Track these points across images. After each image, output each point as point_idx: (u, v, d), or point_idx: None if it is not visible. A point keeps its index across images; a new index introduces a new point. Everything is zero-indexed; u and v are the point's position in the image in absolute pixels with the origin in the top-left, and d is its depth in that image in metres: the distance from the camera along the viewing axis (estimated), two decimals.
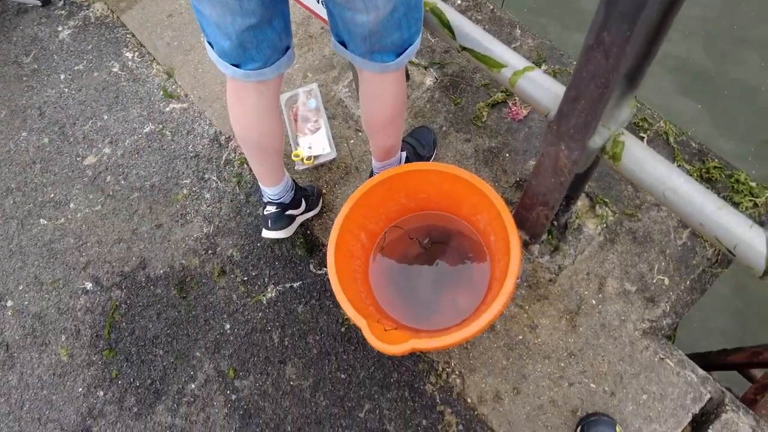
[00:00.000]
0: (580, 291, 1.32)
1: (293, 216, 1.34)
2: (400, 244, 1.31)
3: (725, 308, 2.15)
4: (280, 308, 1.41)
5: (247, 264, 1.48)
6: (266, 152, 1.15)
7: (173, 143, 1.70)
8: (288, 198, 1.31)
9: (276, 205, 1.28)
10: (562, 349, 1.27)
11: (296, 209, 1.35)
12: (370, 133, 1.18)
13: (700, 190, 0.83)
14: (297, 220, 1.38)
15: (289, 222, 1.32)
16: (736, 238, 0.80)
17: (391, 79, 1.03)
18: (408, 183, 1.18)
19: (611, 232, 1.37)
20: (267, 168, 1.21)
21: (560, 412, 1.22)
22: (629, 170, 0.88)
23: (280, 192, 1.27)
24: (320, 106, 1.59)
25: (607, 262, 1.34)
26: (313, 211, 1.45)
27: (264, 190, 1.28)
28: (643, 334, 1.27)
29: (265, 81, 1.00)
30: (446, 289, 1.26)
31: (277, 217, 1.28)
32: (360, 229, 1.20)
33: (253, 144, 1.13)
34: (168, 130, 1.73)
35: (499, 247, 1.15)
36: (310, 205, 1.42)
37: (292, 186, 1.33)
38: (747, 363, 1.59)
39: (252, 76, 0.97)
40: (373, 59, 0.96)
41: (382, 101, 1.08)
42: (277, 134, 1.13)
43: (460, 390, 1.27)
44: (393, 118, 1.11)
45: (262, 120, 1.07)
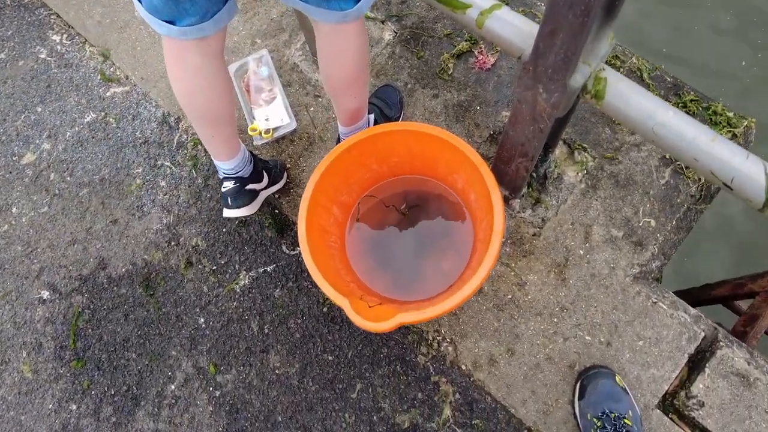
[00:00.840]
0: (566, 242, 1.27)
1: (255, 191, 1.24)
2: (376, 214, 1.23)
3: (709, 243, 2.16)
4: (255, 295, 1.33)
5: (215, 252, 1.38)
6: (216, 121, 1.04)
7: (119, 131, 1.56)
8: (247, 171, 1.20)
9: (234, 180, 1.18)
10: (553, 304, 1.22)
11: (258, 183, 1.24)
12: (334, 95, 1.08)
13: (691, 122, 0.77)
14: (260, 196, 1.28)
15: (251, 197, 1.22)
16: (733, 171, 0.75)
17: (351, 31, 0.92)
18: (378, 146, 1.09)
19: (592, 178, 1.32)
20: (219, 140, 1.09)
21: (558, 369, 1.18)
22: (614, 108, 0.81)
23: (236, 165, 1.17)
24: (273, 73, 1.47)
25: (591, 209, 1.29)
26: (278, 185, 1.35)
27: (219, 165, 1.18)
28: (634, 279, 1.23)
29: (206, 38, 0.88)
30: (429, 255, 1.19)
31: (236, 193, 1.18)
32: (331, 202, 1.11)
33: (200, 113, 1.01)
34: (111, 117, 1.58)
35: (480, 206, 1.08)
36: (274, 178, 1.32)
37: (249, 158, 1.22)
38: (731, 296, 1.59)
39: (190, 33, 0.85)
40: (330, 6, 0.85)
41: (343, 58, 0.97)
42: (226, 99, 1.02)
43: (453, 358, 1.22)
44: (357, 75, 1.01)
45: (207, 83, 0.96)
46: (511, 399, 1.18)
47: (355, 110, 1.11)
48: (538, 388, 1.18)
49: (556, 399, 1.17)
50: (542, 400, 1.17)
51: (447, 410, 1.19)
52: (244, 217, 1.38)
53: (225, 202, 1.19)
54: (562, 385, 1.17)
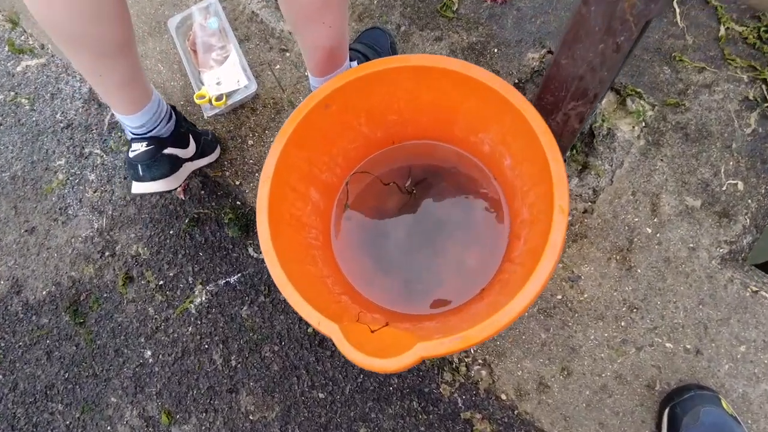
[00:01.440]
0: (628, 219, 0.95)
1: (178, 159, 0.91)
2: (373, 196, 0.90)
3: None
4: (216, 316, 1.00)
5: (161, 261, 1.04)
6: (102, 53, 0.70)
7: (34, 114, 1.21)
8: (165, 130, 0.87)
9: (147, 141, 0.84)
10: (618, 303, 0.91)
11: (182, 149, 0.91)
12: (300, 25, 0.73)
13: None
14: (185, 168, 0.95)
15: (171, 167, 0.88)
16: None
17: None
18: (368, 96, 0.76)
19: (653, 131, 0.99)
20: (114, 81, 0.75)
21: (632, 390, 0.87)
22: None
23: (148, 120, 0.84)
24: (225, 26, 1.13)
25: (656, 173, 0.97)
26: (208, 158, 1.03)
27: (122, 121, 0.84)
28: (722, 262, 0.91)
29: None
30: (447, 248, 0.87)
31: (150, 159, 0.85)
32: (306, 183, 0.78)
33: (75, 40, 0.67)
34: (24, 98, 1.23)
35: (520, 174, 0.75)
36: (204, 147, 0.99)
37: (168, 113, 0.89)
38: None
39: None
40: None
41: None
42: (110, 19, 0.67)
43: (488, 385, 0.90)
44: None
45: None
46: None
47: (330, 50, 0.77)
48: (608, 418, 0.86)
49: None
50: None
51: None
52: (163, 193, 1.04)
53: (134, 172, 0.86)
54: (641, 413, 0.86)
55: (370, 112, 0.78)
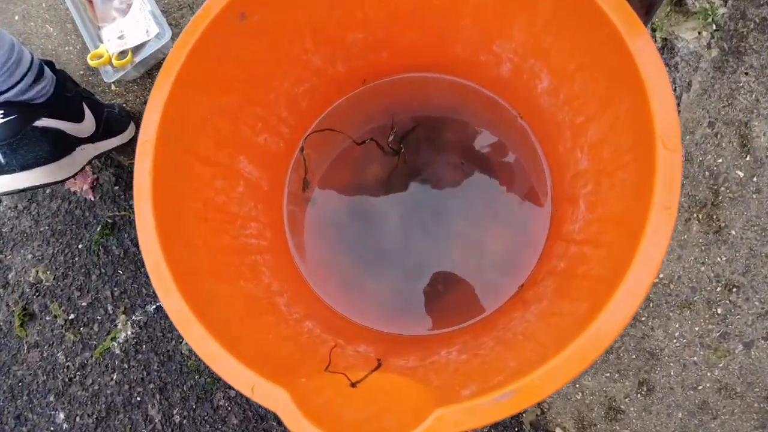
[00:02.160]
0: (709, 161, 0.67)
1: (66, 136, 0.62)
2: (344, 165, 0.62)
3: None
4: (148, 355, 0.72)
5: (69, 288, 0.76)
6: None
7: None
8: (35, 92, 0.59)
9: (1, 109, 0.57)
10: (709, 282, 0.63)
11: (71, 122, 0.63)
12: None
13: None
14: (83, 151, 0.66)
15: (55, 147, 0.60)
16: None
17: None
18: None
19: (729, 36, 0.71)
20: None
21: (745, 405, 0.60)
22: None
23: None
24: None
25: (741, 92, 0.69)
26: (120, 138, 0.74)
27: None
28: None
29: None
30: (459, 229, 0.58)
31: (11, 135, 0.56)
32: (230, 149, 0.49)
33: None
34: None
35: (569, 96, 0.46)
36: (110, 124, 0.70)
37: (36, 67, 0.60)
38: None
39: None
40: None
41: None
42: None
43: (536, 418, 0.63)
44: None
45: None
46: None
47: None
48: None
49: None
50: None
51: None
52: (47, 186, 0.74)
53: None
54: None
55: (319, 26, 0.49)
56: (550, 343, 0.34)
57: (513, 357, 0.37)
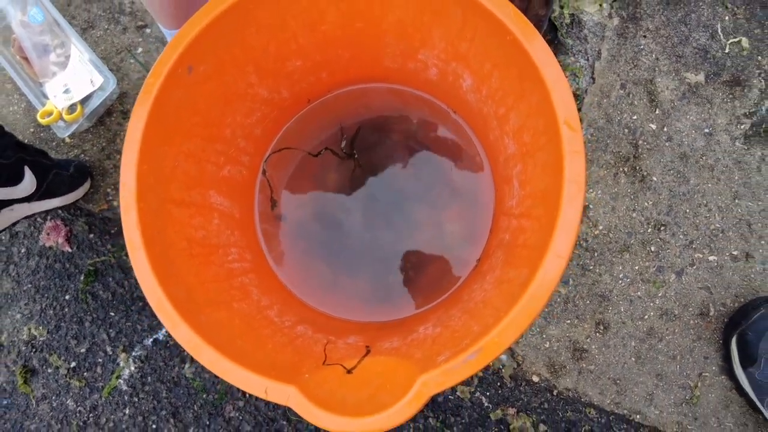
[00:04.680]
0: (625, 119, 0.76)
1: None
2: (305, 178, 0.67)
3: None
4: (155, 385, 0.77)
5: (65, 338, 0.80)
6: None
7: None
8: None
9: None
10: (641, 225, 0.72)
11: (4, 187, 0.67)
12: None
13: None
14: (12, 210, 0.70)
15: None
16: None
17: None
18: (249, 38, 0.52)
19: (626, 3, 0.79)
20: None
21: (684, 324, 0.70)
22: None
23: None
24: (55, 15, 0.85)
25: (643, 53, 0.77)
26: (64, 198, 0.77)
27: None
28: (747, 140, 0.74)
29: None
30: (418, 216, 0.65)
31: None
32: (200, 188, 0.54)
33: None
34: None
35: (489, 92, 0.53)
36: (56, 186, 0.74)
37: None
38: None
39: None
40: None
41: None
42: None
43: (514, 370, 0.71)
44: None
45: None
46: (629, 400, 0.69)
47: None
48: (664, 366, 0.69)
49: (699, 373, 0.69)
50: (677, 383, 0.69)
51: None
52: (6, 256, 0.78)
53: None
54: (702, 348, 0.69)
55: (260, 61, 0.55)
56: (503, 306, 0.41)
57: (475, 323, 0.44)
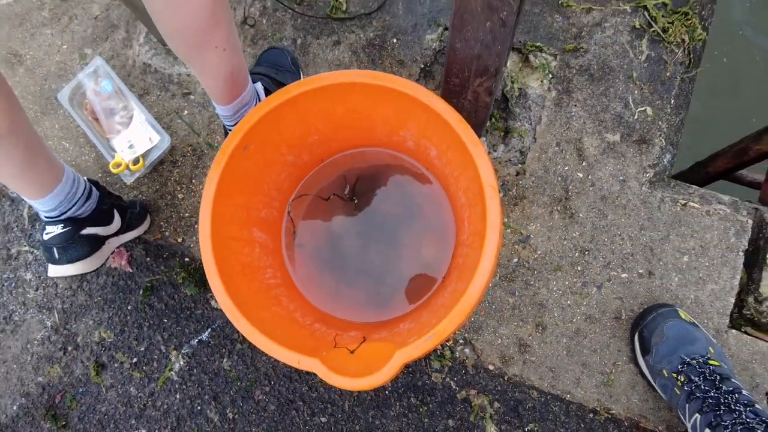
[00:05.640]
0: (559, 169, 0.99)
1: (99, 237, 0.89)
2: (317, 216, 0.91)
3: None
4: (199, 375, 0.99)
5: (128, 339, 1.02)
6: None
7: None
8: (84, 209, 0.85)
9: (62, 224, 0.82)
10: (570, 250, 0.96)
11: (104, 226, 0.89)
12: (191, 56, 0.70)
13: None
14: (109, 244, 0.93)
15: (92, 247, 0.86)
16: None
17: None
18: (283, 127, 0.76)
19: (561, 80, 1.04)
20: (9, 170, 0.73)
21: (603, 326, 0.93)
22: None
23: (59, 204, 0.81)
24: (120, 85, 1.09)
25: (573, 119, 1.02)
26: (137, 231, 1.00)
27: (32, 205, 0.81)
28: (651, 185, 0.98)
29: None
30: (403, 246, 0.88)
31: (66, 241, 0.82)
32: (247, 227, 0.78)
33: None
34: None
35: (449, 160, 0.77)
36: (131, 220, 0.96)
37: (86, 191, 0.86)
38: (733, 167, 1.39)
39: None
40: None
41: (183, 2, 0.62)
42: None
43: (475, 361, 0.94)
44: (212, 13, 0.65)
45: None
46: (561, 383, 0.91)
47: (229, 75, 0.75)
48: (588, 357, 0.92)
49: (614, 362, 0.92)
50: (598, 370, 0.91)
51: (490, 427, 0.92)
52: (82, 275, 1.00)
53: (49, 255, 0.83)
54: (616, 344, 0.92)
55: (290, 140, 0.78)
56: (451, 307, 0.64)
57: (435, 318, 0.66)
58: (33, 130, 0.75)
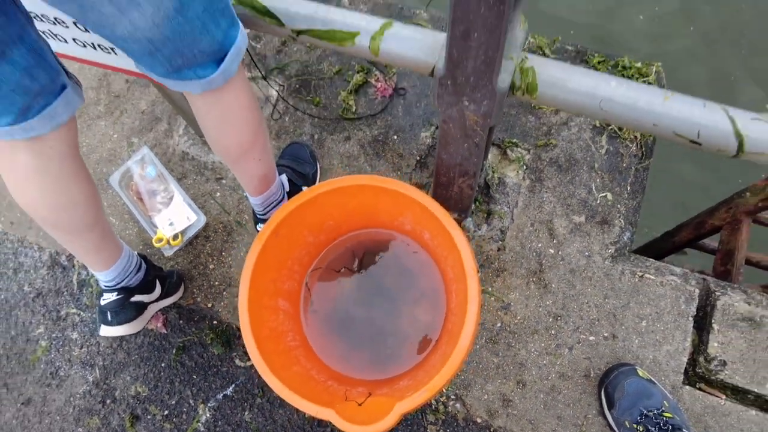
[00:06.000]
0: (534, 246, 1.17)
1: (143, 304, 1.05)
2: (329, 285, 1.07)
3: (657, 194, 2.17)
4: (224, 427, 1.12)
5: (161, 394, 1.16)
6: (74, 233, 0.86)
7: (2, 293, 1.30)
8: (134, 280, 1.02)
9: (117, 292, 0.99)
10: (545, 316, 1.12)
11: (148, 294, 1.05)
12: (234, 166, 0.91)
13: (638, 87, 0.69)
14: (150, 309, 1.09)
15: (137, 312, 1.03)
16: (696, 125, 0.67)
17: (227, 94, 0.76)
18: (307, 217, 0.94)
19: (534, 171, 1.24)
20: (85, 250, 0.91)
21: (575, 383, 1.07)
22: (551, 97, 0.71)
23: (117, 275, 0.98)
24: (162, 170, 1.29)
25: (545, 203, 1.21)
26: (172, 298, 1.17)
27: (96, 275, 0.99)
28: (613, 260, 1.15)
29: (42, 137, 0.71)
30: (403, 311, 1.05)
31: (119, 307, 0.99)
32: (274, 298, 0.94)
33: (50, 224, 0.82)
34: None
35: (439, 243, 0.95)
36: (169, 289, 1.13)
37: (138, 264, 1.03)
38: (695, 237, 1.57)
39: (15, 133, 0.68)
40: (184, 77, 0.70)
41: (229, 124, 0.81)
42: (81, 207, 0.83)
43: (465, 414, 1.07)
44: (252, 137, 0.85)
45: (50, 190, 0.77)
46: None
47: (262, 176, 0.95)
48: (563, 411, 1.06)
49: (585, 415, 1.05)
50: (571, 423, 1.05)
51: None
52: (127, 335, 1.17)
53: (103, 317, 1.00)
54: (586, 399, 1.06)
55: (311, 226, 0.97)
56: (441, 367, 0.79)
57: (428, 377, 0.82)
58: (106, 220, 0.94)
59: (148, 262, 1.09)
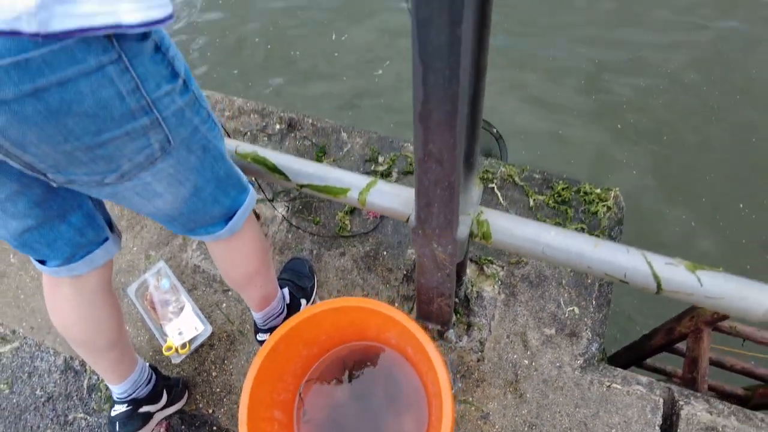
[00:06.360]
0: (510, 357, 1.28)
1: (150, 413, 1.14)
2: (320, 395, 1.17)
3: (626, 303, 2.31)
4: None
5: None
6: (97, 351, 1.00)
7: (14, 396, 1.39)
8: (143, 392, 1.12)
9: (127, 403, 1.09)
10: (521, 425, 1.20)
11: (155, 404, 1.15)
12: (239, 290, 1.08)
13: (572, 235, 0.85)
14: (155, 418, 1.18)
15: (143, 422, 1.11)
16: (622, 268, 0.82)
17: (237, 240, 0.93)
18: (303, 333, 1.07)
19: (508, 286, 1.38)
20: (104, 366, 1.04)
21: None
22: (503, 243, 0.87)
23: (129, 388, 1.09)
24: (175, 282, 1.43)
25: (519, 316, 1.33)
26: (176, 406, 1.26)
27: (110, 387, 1.09)
28: (582, 370, 1.26)
29: (81, 275, 0.87)
30: (389, 421, 1.13)
31: (127, 418, 1.08)
32: (271, 409, 1.04)
33: (78, 343, 0.97)
34: (2, 383, 1.41)
35: (420, 359, 1.07)
36: (174, 397, 1.22)
37: (149, 377, 1.14)
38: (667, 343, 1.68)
39: (61, 272, 0.84)
40: (197, 233, 0.87)
41: (237, 261, 0.98)
42: (108, 330, 0.98)
43: None
44: (256, 270, 1.02)
45: (83, 316, 0.93)
46: None
47: (264, 296, 1.10)
48: None
49: None
50: None
51: None
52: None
53: (111, 427, 1.09)
54: None
55: (306, 340, 1.09)
56: None
57: None
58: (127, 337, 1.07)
59: (157, 372, 1.19)
